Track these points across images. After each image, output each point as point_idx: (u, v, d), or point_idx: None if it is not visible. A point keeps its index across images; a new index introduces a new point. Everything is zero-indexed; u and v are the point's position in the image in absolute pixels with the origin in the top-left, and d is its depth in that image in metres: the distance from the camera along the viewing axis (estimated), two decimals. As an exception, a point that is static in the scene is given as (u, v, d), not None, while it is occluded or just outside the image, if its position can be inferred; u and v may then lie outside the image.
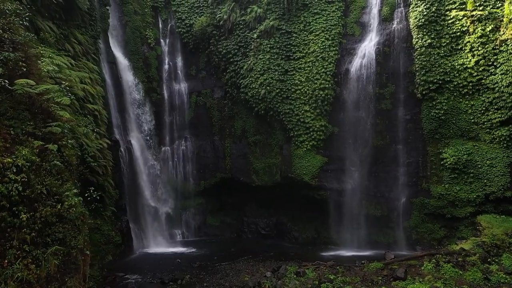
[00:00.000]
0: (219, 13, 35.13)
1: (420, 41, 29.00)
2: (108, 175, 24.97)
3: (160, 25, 36.85)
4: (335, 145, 31.62)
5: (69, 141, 12.93)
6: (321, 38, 32.10)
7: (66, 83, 14.49)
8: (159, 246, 31.01)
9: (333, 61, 31.60)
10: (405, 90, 30.05)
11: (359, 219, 31.01)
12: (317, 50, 31.99)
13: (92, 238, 23.40)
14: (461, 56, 27.99)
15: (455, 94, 28.23)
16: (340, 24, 32.29)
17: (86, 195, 15.14)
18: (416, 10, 29.36)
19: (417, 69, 29.08)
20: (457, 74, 28.02)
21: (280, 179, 33.26)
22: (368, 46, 31.09)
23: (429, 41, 28.64)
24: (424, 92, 28.86)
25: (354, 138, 31.08)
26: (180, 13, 36.64)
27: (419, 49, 29.01)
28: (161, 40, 36.66)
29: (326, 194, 32.04)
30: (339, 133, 31.65)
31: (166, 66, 36.45)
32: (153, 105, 34.64)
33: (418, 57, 29.05)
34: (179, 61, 37.02)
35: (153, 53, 35.61)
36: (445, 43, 28.46)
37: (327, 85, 31.32)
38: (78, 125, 19.24)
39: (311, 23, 32.64)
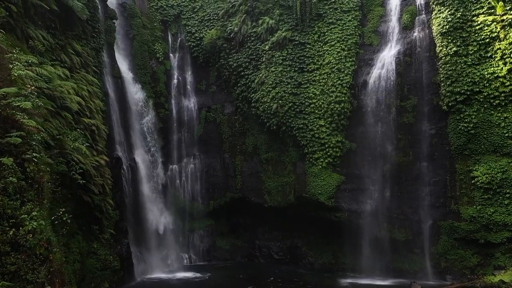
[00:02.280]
0: (230, 26, 33.81)
1: (444, 49, 26.74)
2: (106, 195, 23.26)
3: (170, 39, 35.73)
4: (352, 163, 29.39)
5: (36, 154, 11.12)
6: (337, 48, 30.21)
7: (31, 88, 12.81)
8: (163, 272, 28.93)
9: (349, 73, 29.59)
10: (429, 102, 27.66)
11: (381, 243, 28.34)
12: (332, 61, 30.08)
13: (86, 264, 21.67)
14: (491, 65, 25.52)
15: (485, 105, 25.64)
16: (357, 34, 30.42)
17: (65, 218, 13.34)
18: (439, 17, 27.23)
19: (442, 79, 26.75)
20: (487, 84, 25.51)
21: (294, 199, 30.99)
22: (388, 56, 29.00)
23: (454, 49, 26.35)
24: (450, 104, 26.40)
25: (373, 155, 28.73)
26: (190, 27, 35.50)
27: (443, 57, 26.75)
28: (170, 55, 35.45)
29: (344, 216, 29.54)
30: (357, 150, 29.43)
31: (175, 81, 35.09)
32: (160, 121, 33.12)
33: (442, 66, 26.76)
34: (189, 76, 35.64)
35: (162, 67, 34.34)
36: (472, 51, 26.09)
37: (343, 98, 29.22)
38: (69, 139, 17.65)
39: (326, 33, 30.87)
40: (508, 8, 25.12)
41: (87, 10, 23.87)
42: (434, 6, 27.80)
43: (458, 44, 26.36)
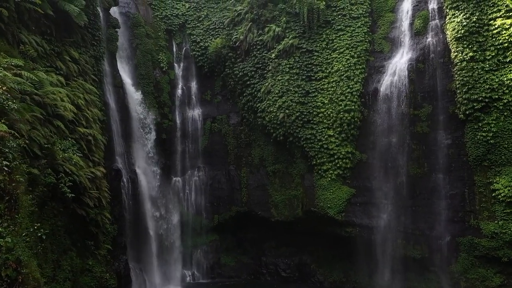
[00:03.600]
0: (235, 34, 32.95)
1: (460, 54, 25.35)
2: (103, 208, 22.09)
3: (174, 49, 34.95)
4: (363, 175, 27.94)
5: (7, 162, 9.98)
6: (346, 55, 29.05)
7: (1, 88, 11.73)
8: (164, 290, 27.57)
9: (359, 80, 28.33)
10: (444, 111, 26.18)
11: (395, 261, 26.71)
12: (341, 68, 28.88)
13: (79, 282, 20.38)
14: (510, 70, 24.01)
15: (505, 113, 24.06)
16: (367, 41, 29.26)
17: (40, 233, 12.12)
18: (453, 21, 25.91)
19: (458, 86, 25.30)
20: (506, 91, 23.97)
21: (302, 214, 29.52)
22: (400, 63, 27.71)
23: (470, 54, 24.94)
24: (467, 112, 24.87)
25: (385, 166, 27.26)
26: (195, 36, 34.74)
27: (459, 63, 25.34)
28: (175, 64, 34.61)
29: (355, 231, 27.96)
30: (368, 161, 27.98)
31: (179, 91, 34.17)
32: (163, 132, 32.09)
33: (458, 72, 25.33)
34: (193, 86, 34.71)
35: (166, 77, 33.47)
36: (490, 56, 24.64)
37: (353, 107, 27.90)
38: (59, 148, 16.58)
39: (335, 40, 29.78)
40: (527, 10, 23.75)
41: (86, 16, 23.08)
42: (448, 10, 26.52)
43: (475, 49, 24.98)
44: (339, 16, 30.15)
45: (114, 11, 30.92)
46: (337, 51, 29.51)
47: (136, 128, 29.72)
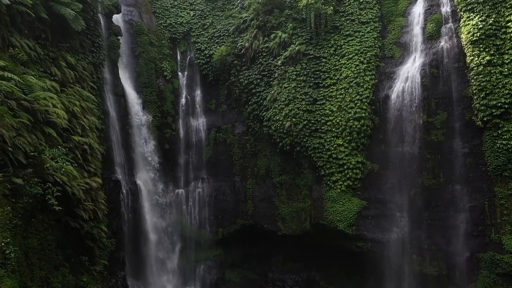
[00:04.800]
0: (241, 42, 32.03)
1: (476, 59, 24.03)
2: (99, 221, 20.97)
3: (178, 57, 34.11)
4: (375, 186, 26.53)
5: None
6: (355, 61, 27.91)
7: None
8: (165, 308, 26.17)
9: (369, 87, 27.11)
10: (460, 118, 24.75)
11: (410, 278, 25.16)
12: (350, 75, 27.70)
13: (72, 300, 19.21)
14: (531, 74, 22.59)
15: (527, 120, 22.55)
16: (377, 46, 28.14)
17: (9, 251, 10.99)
18: (468, 24, 24.66)
19: (474, 91, 23.91)
20: (527, 96, 22.51)
21: (310, 227, 28.10)
22: (412, 68, 26.45)
23: (488, 58, 23.60)
24: (485, 119, 23.41)
25: (398, 177, 25.83)
26: (199, 44, 33.92)
27: (475, 68, 24.00)
28: (179, 73, 33.74)
29: (367, 246, 26.47)
30: (379, 171, 26.59)
31: (183, 100, 33.20)
32: (166, 142, 31.05)
33: (475, 77, 23.97)
34: (198, 95, 33.75)
35: (169, 86, 32.56)
36: (508, 60, 23.32)
37: (363, 114, 26.63)
38: (47, 157, 15.53)
39: (343, 46, 28.70)
40: (548, 11, 22.41)
41: (84, 22, 22.31)
42: (462, 13, 25.30)
43: (492, 52, 23.65)
44: (348, 21, 29.12)
45: (117, 19, 30.31)
46: (345, 57, 28.40)
47: (138, 138, 28.75)
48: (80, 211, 18.94)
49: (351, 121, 26.88)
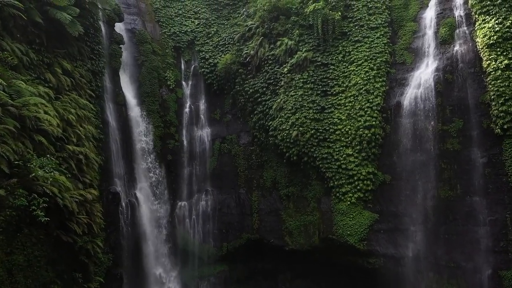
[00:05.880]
0: (246, 50, 31.15)
1: (493, 63, 22.77)
2: (95, 236, 19.85)
3: (183, 66, 33.32)
4: (387, 198, 25.15)
5: None
6: (365, 68, 26.81)
7: None
8: (166, 328, 24.77)
9: (380, 94, 25.96)
10: (477, 125, 23.36)
11: (427, 298, 23.28)
12: (359, 82, 26.57)
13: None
14: (553, 78, 21.21)
15: (550, 127, 21.09)
16: (387, 52, 27.07)
17: None
18: (484, 27, 23.48)
19: (492, 97, 22.59)
20: (550, 101, 21.09)
21: (319, 242, 26.68)
22: (425, 74, 25.27)
23: (506, 62, 22.35)
24: (505, 127, 22.00)
25: (412, 188, 24.41)
26: (203, 53, 33.14)
27: (493, 72, 22.72)
28: (183, 82, 32.88)
29: (379, 262, 24.93)
30: (392, 182, 25.21)
31: (187, 110, 32.25)
32: (169, 153, 30.00)
33: (492, 82, 22.67)
34: (202, 104, 32.78)
35: (173, 95, 31.66)
36: (528, 63, 21.93)
37: (373, 123, 25.38)
38: (34, 166, 14.50)
39: (352, 52, 27.68)
40: None
41: (83, 28, 21.57)
42: (477, 16, 24.13)
43: (510, 56, 22.43)
44: (356, 27, 28.16)
45: (120, 27, 29.72)
46: (354, 64, 27.32)
47: (139, 149, 27.76)
48: (73, 225, 17.81)
49: (361, 129, 25.62)
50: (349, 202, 25.43)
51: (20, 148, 14.01)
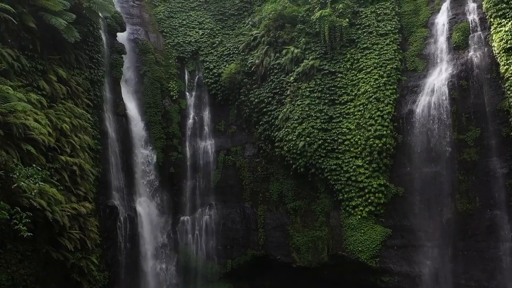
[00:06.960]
0: (251, 59, 30.28)
1: (511, 68, 21.43)
2: (89, 252, 18.72)
3: (186, 77, 32.48)
4: (400, 212, 23.67)
5: None
6: (374, 75, 25.70)
7: None
8: None
9: (390, 102, 24.74)
10: (496, 134, 21.98)
11: (446, 320, 21.59)
12: (369, 90, 25.44)
13: None
14: None
15: None
16: (397, 59, 25.97)
17: None
18: (501, 31, 22.31)
19: (511, 105, 21.17)
20: None
21: (328, 258, 25.21)
22: (438, 81, 24.05)
23: (525, 66, 21.01)
24: (527, 135, 20.58)
25: (427, 202, 22.94)
26: (208, 63, 32.31)
27: (511, 78, 21.35)
28: (186, 93, 32.02)
29: (393, 281, 23.40)
30: (405, 195, 23.76)
31: (191, 121, 31.29)
32: (171, 165, 28.95)
33: (511, 89, 21.30)
34: (206, 115, 31.82)
35: (176, 106, 30.76)
36: (549, 67, 20.63)
37: (384, 132, 24.10)
38: (19, 177, 13.49)
39: (360, 59, 26.65)
40: None
41: (80, 35, 20.84)
42: (492, 20, 23.00)
43: (529, 60, 21.08)
44: (365, 34, 27.18)
45: (122, 37, 29.12)
46: (363, 71, 26.22)
47: (140, 161, 26.77)
48: (64, 240, 16.74)
49: (371, 139, 24.34)
50: (359, 216, 24.01)
51: (3, 157, 13.03)
